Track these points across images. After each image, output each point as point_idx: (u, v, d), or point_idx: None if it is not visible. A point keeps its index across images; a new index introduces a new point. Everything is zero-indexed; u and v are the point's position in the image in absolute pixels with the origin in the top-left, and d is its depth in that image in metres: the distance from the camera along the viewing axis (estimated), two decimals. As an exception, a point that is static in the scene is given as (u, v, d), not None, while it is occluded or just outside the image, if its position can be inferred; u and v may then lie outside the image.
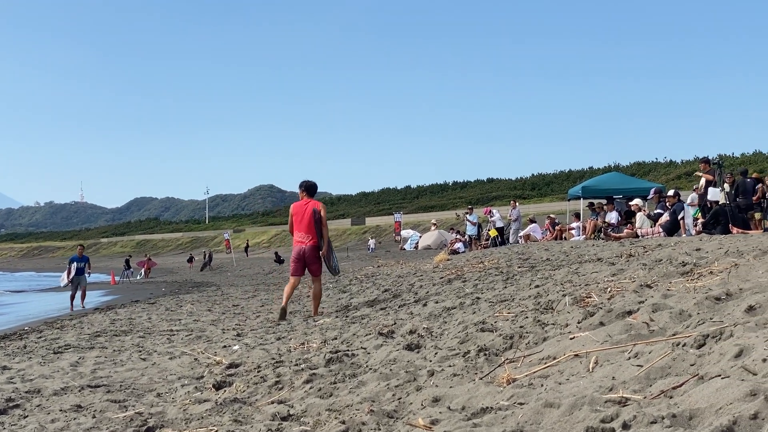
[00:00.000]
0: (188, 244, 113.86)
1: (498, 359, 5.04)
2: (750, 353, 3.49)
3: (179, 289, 30.58)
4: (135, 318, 15.26)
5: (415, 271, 17.08)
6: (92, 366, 8.73)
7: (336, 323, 10.00)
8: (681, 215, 18.32)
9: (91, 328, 13.57)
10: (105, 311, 18.64)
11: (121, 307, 19.89)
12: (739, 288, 5.41)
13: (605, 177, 33.34)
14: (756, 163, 61.25)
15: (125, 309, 18.75)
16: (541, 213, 45.21)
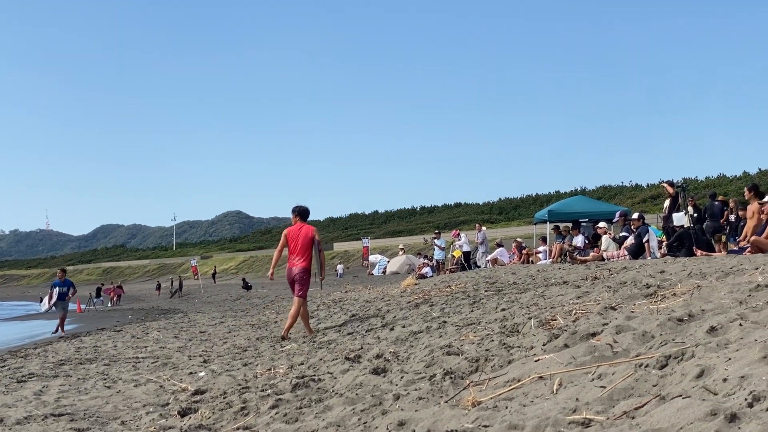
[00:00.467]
0: (155, 271, 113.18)
1: (463, 382, 5.05)
2: (711, 373, 3.53)
3: (146, 316, 30.33)
4: (100, 346, 15.12)
5: (383, 296, 17.06)
6: (56, 394, 8.64)
7: (303, 348, 9.97)
8: (646, 238, 18.45)
9: (55, 357, 13.42)
10: (70, 339, 18.44)
11: (86, 335, 19.70)
12: (701, 309, 5.46)
13: (571, 200, 33.53)
14: (720, 187, 61.90)
15: (90, 337, 18.56)
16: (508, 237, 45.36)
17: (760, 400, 2.93)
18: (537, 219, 31.38)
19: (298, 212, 12.87)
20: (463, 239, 30.68)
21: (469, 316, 9.09)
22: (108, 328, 22.63)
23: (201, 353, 11.88)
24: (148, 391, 8.29)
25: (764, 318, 4.66)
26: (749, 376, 3.27)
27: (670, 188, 19.61)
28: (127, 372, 10.35)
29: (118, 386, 8.94)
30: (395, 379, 5.85)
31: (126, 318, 29.81)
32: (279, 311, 20.36)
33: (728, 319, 4.79)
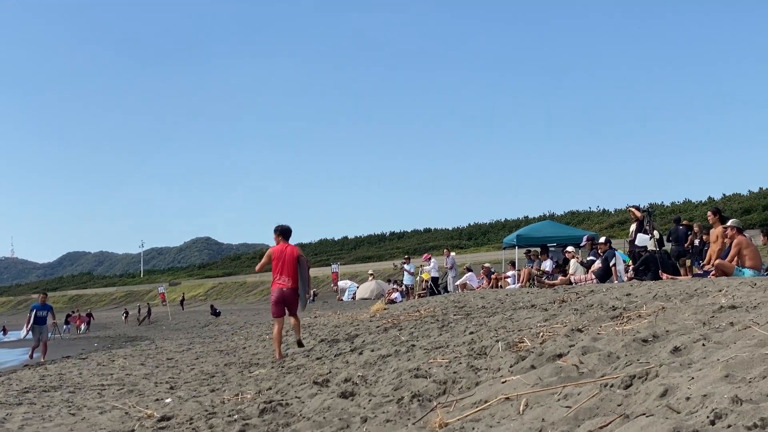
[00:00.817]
0: (122, 299, 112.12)
1: (431, 404, 5.06)
2: (675, 392, 3.57)
3: (112, 343, 30.10)
4: (65, 373, 14.96)
5: (352, 320, 17.04)
6: (20, 422, 8.54)
7: (271, 374, 9.93)
8: (613, 262, 18.60)
9: (19, 384, 13.26)
10: (34, 367, 18.25)
11: (51, 363, 19.49)
12: (665, 330, 5.52)
13: (539, 225, 33.69)
14: (685, 212, 62.46)
15: (55, 365, 18.37)
16: (477, 262, 45.47)
17: (721, 418, 2.97)
18: (506, 244, 31.49)
19: (280, 232, 12.79)
20: (433, 264, 30.74)
21: (438, 340, 9.11)
22: (73, 356, 22.40)
23: (168, 380, 11.79)
24: (113, 417, 8.22)
25: (727, 338, 4.73)
26: (711, 395, 3.32)
27: (637, 212, 19.77)
28: (92, 399, 10.25)
29: (83, 413, 8.85)
30: (363, 402, 5.85)
31: (92, 346, 29.55)
32: (247, 337, 20.27)
33: (692, 340, 4.85)
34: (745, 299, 6.72)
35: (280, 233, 12.79)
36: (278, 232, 12.81)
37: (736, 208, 60.06)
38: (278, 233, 12.80)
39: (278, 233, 12.80)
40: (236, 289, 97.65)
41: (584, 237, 23.96)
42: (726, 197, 70.23)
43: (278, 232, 12.81)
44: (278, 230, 12.83)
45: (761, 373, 3.54)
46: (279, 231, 12.81)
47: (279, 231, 12.81)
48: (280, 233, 12.79)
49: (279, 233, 12.80)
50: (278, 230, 12.83)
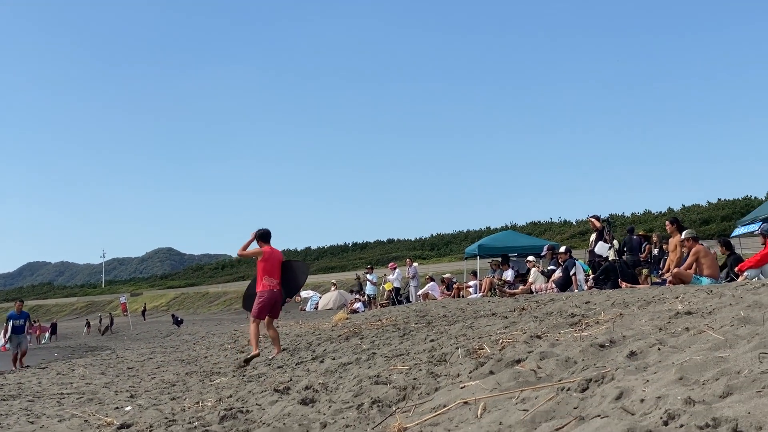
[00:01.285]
0: (83, 309, 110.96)
1: (390, 410, 5.08)
2: (629, 395, 3.62)
3: (72, 353, 29.80)
4: (24, 383, 14.79)
5: (314, 330, 17.03)
6: (-23, 431, 8.45)
7: (232, 382, 9.90)
8: (573, 271, 18.76)
9: (-23, 394, 13.10)
10: (-7, 377, 18.03)
11: (10, 372, 19.25)
12: (622, 335, 5.59)
13: (501, 235, 33.87)
14: (645, 222, 63.12)
15: (14, 374, 18.15)
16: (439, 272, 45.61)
17: (674, 418, 3.02)
18: (468, 253, 31.62)
19: (261, 236, 12.61)
20: (396, 274, 30.81)
21: (399, 348, 9.13)
22: (32, 365, 22.15)
23: (128, 388, 11.71)
24: (73, 425, 8.14)
25: (682, 343, 4.80)
26: (665, 396, 3.37)
27: (597, 222, 19.95)
28: (51, 408, 10.16)
29: (42, 421, 8.76)
30: (323, 408, 5.85)
31: (52, 355, 29.24)
32: (209, 347, 20.17)
33: (648, 344, 4.92)
34: (701, 305, 6.81)
35: (261, 237, 12.60)
36: (260, 237, 12.61)
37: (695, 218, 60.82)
38: (260, 238, 12.60)
39: (260, 238, 12.60)
40: (198, 299, 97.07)
41: (545, 247, 24.13)
42: (685, 208, 71.10)
43: (260, 237, 12.61)
44: (260, 234, 12.62)
45: (714, 375, 3.60)
46: (260, 235, 12.62)
47: (260, 235, 12.62)
48: (261, 237, 12.60)
49: (260, 237, 12.60)
50: (260, 234, 12.62)
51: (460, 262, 50.19)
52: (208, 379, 11.21)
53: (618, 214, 74.72)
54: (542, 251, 23.98)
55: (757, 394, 3.11)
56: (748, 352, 3.95)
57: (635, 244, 20.25)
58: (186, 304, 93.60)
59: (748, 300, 6.46)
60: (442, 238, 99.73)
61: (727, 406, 3.04)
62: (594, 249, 19.05)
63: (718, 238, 20.41)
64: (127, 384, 12.54)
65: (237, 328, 29.39)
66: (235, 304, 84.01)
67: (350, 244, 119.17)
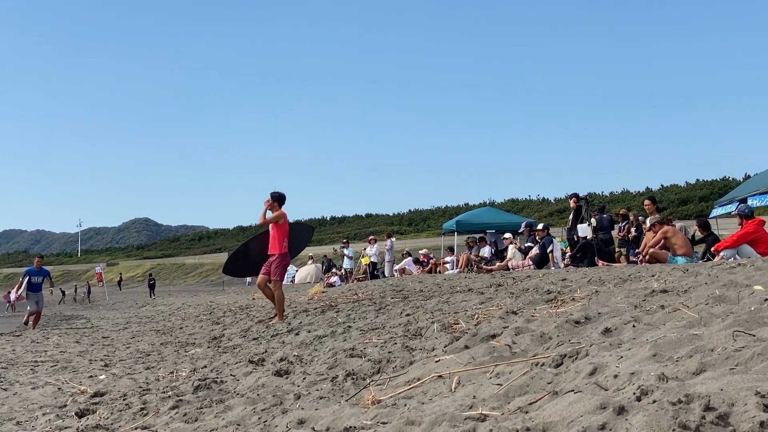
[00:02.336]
0: (59, 278, 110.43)
1: (365, 382, 5.08)
2: (603, 371, 3.63)
3: (47, 322, 29.62)
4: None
5: (290, 303, 16.99)
6: (-52, 397, 8.38)
7: (207, 353, 9.87)
8: (550, 248, 18.82)
9: (-50, 361, 13.01)
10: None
11: (19, 331, 19.15)
12: (597, 312, 5.61)
13: (479, 211, 33.92)
14: (624, 202, 63.47)
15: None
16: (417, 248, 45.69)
17: (647, 394, 3.02)
18: (445, 229, 31.64)
19: (280, 198, 12.60)
20: (374, 250, 30.81)
21: (374, 321, 9.13)
22: (6, 333, 22.01)
23: (102, 357, 11.65)
24: (46, 393, 8.10)
25: (656, 320, 4.82)
26: (639, 373, 3.38)
27: (574, 201, 20.00)
28: (24, 375, 10.08)
29: (15, 388, 8.70)
30: (297, 380, 5.85)
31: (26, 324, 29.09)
32: (184, 318, 20.11)
33: (623, 321, 4.93)
34: (676, 284, 6.84)
35: (279, 200, 12.58)
36: (278, 199, 12.59)
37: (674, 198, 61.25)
38: (278, 200, 12.58)
39: (278, 200, 12.58)
40: (175, 270, 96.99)
41: (523, 224, 24.16)
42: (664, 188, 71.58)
43: (278, 199, 12.59)
44: (278, 197, 12.61)
45: (688, 352, 3.61)
46: (279, 197, 12.61)
47: (279, 197, 12.61)
48: (280, 200, 12.59)
49: (279, 200, 12.58)
50: (278, 197, 12.61)
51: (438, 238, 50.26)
52: (183, 349, 11.17)
53: (596, 193, 75.13)
54: (520, 228, 24.01)
55: (730, 372, 3.12)
56: (722, 330, 3.96)
57: (605, 223, 20.31)
58: (162, 275, 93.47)
59: (724, 279, 6.49)
60: (420, 214, 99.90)
61: (700, 383, 3.05)
62: (575, 229, 19.10)
63: (696, 218, 20.50)
64: (101, 353, 12.48)
65: (213, 300, 29.33)
66: (211, 276, 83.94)
67: (328, 218, 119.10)
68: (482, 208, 44.62)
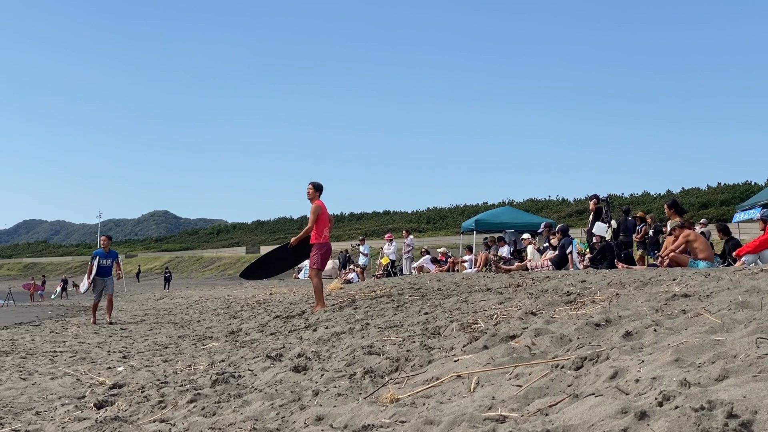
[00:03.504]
0: (78, 268, 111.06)
1: (383, 380, 5.08)
2: (624, 375, 3.61)
3: (66, 312, 29.79)
4: (17, 339, 14.76)
5: (308, 298, 17.00)
6: (-31, 385, 8.43)
7: (225, 347, 9.90)
8: (569, 249, 18.74)
9: (-30, 349, 13.09)
10: (-10, 332, 18.00)
11: (3, 328, 19.23)
12: (618, 315, 5.57)
13: (498, 211, 33.85)
14: (644, 204, 63.22)
15: (8, 330, 18.12)
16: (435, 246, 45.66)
17: (669, 400, 3.00)
18: (464, 228, 31.59)
19: (318, 187, 12.80)
20: (392, 248, 30.78)
21: (392, 319, 9.12)
22: (26, 322, 22.12)
23: (121, 349, 11.70)
24: (65, 383, 8.15)
25: (678, 325, 4.78)
26: (660, 378, 3.36)
27: (594, 203, 19.93)
28: (43, 365, 10.14)
29: (34, 378, 8.76)
30: (315, 376, 5.85)
31: (45, 314, 29.24)
32: (202, 311, 20.18)
33: (644, 325, 4.90)
34: (698, 288, 6.79)
35: (319, 189, 12.78)
36: (318, 188, 12.78)
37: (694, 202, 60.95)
38: (318, 189, 12.77)
39: (318, 189, 12.77)
40: (193, 263, 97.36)
41: (542, 224, 24.08)
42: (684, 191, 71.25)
43: (318, 188, 12.78)
44: (318, 186, 12.80)
45: (711, 358, 3.58)
46: (318, 187, 12.79)
47: (318, 187, 12.79)
48: (319, 189, 12.78)
49: (319, 189, 12.78)
50: (318, 186, 12.80)
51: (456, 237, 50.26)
52: (201, 343, 11.21)
53: (617, 195, 74.86)
54: (539, 228, 23.94)
55: (753, 379, 3.10)
56: (745, 336, 3.93)
57: (630, 225, 20.24)
58: (180, 268, 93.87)
59: (746, 285, 6.44)
60: (439, 212, 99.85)
61: (722, 390, 3.03)
62: (593, 229, 19.03)
63: (717, 222, 20.39)
64: (119, 345, 12.53)
65: (230, 294, 29.40)
66: (229, 270, 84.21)
67: (347, 214, 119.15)
68: (501, 207, 44.46)
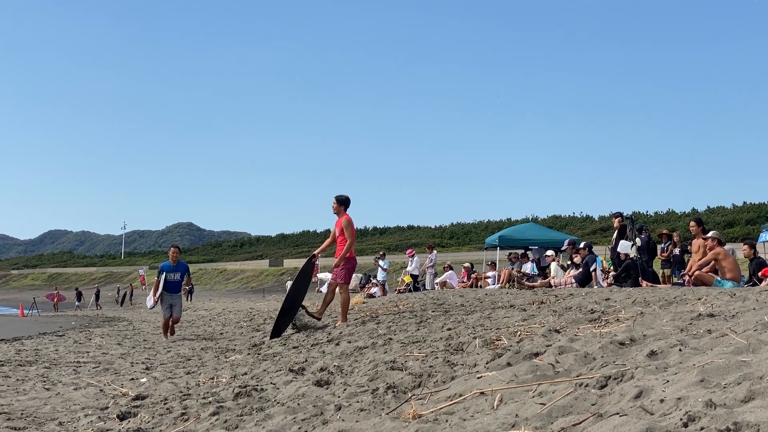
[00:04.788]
0: (102, 279, 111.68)
1: (406, 396, 5.07)
2: (649, 394, 3.58)
3: (90, 322, 29.96)
4: (41, 349, 14.88)
5: (330, 312, 17.02)
6: (-6, 394, 8.50)
7: (247, 360, 9.93)
8: (593, 267, 18.68)
9: (-6, 358, 13.19)
10: (10, 342, 18.11)
11: (28, 338, 19.36)
12: (643, 334, 5.54)
13: (522, 227, 33.78)
14: (669, 222, 62.91)
15: (32, 340, 18.26)
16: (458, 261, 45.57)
17: (695, 420, 2.98)
18: (487, 244, 31.56)
19: (346, 202, 12.71)
20: (415, 263, 30.75)
21: (415, 334, 9.11)
22: (50, 332, 22.25)
23: (144, 360, 11.77)
24: (88, 394, 8.20)
25: (704, 345, 4.75)
26: (686, 398, 3.33)
27: (619, 221, 19.85)
28: (67, 375, 10.21)
29: (58, 389, 8.82)
30: (338, 391, 5.85)
31: (69, 324, 29.42)
32: (225, 323, 20.25)
33: (669, 345, 4.87)
34: (723, 308, 6.75)
35: (345, 203, 12.69)
36: (345, 203, 12.69)
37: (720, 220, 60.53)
38: (345, 204, 12.69)
39: (345, 204, 12.69)
40: (216, 276, 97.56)
41: (566, 241, 24.02)
42: (710, 209, 70.80)
43: (345, 203, 12.69)
44: (346, 200, 12.72)
45: (736, 379, 3.55)
46: (346, 201, 12.71)
47: (346, 201, 12.71)
48: (346, 203, 12.70)
49: (345, 203, 12.69)
50: (346, 200, 12.72)
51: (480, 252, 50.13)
52: (224, 355, 11.25)
53: (642, 212, 74.48)
54: (563, 245, 23.88)
55: (781, 401, 3.07)
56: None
57: (643, 244, 20.14)
58: (203, 280, 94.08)
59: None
60: (462, 227, 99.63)
61: (748, 411, 3.00)
62: (617, 247, 18.94)
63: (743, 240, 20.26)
64: (142, 356, 12.60)
65: (253, 307, 29.47)
66: (252, 282, 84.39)
67: (370, 228, 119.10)
68: (525, 224, 44.34)
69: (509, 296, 14.47)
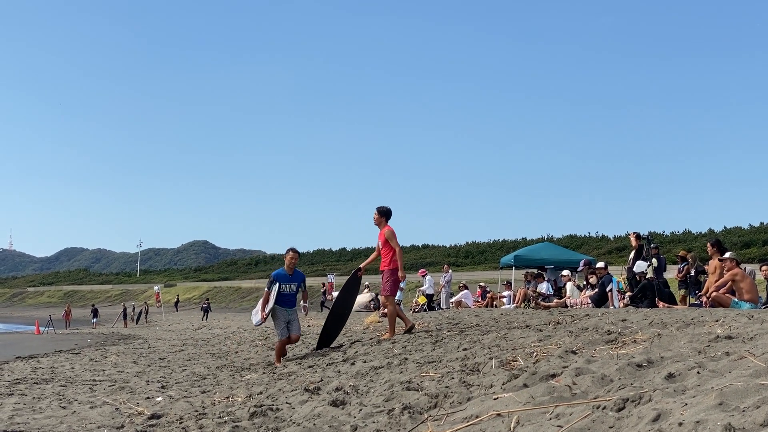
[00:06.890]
0: (118, 297, 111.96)
1: (422, 417, 5.06)
2: (667, 417, 3.56)
3: (105, 340, 30.03)
4: (57, 367, 14.92)
5: (345, 331, 17.00)
6: (10, 412, 8.50)
7: (262, 379, 9.92)
8: (609, 287, 18.61)
9: (11, 375, 13.21)
10: (27, 359, 18.17)
11: (43, 356, 19.41)
12: (660, 356, 5.52)
13: (537, 247, 33.69)
14: (685, 242, 62.64)
15: (48, 358, 18.31)
16: (473, 281, 45.48)
17: (713, 444, 2.96)
18: (503, 263, 31.52)
19: (387, 213, 12.56)
20: (428, 283, 30.69)
21: (431, 354, 9.09)
22: (66, 350, 22.30)
23: (159, 379, 11.77)
24: (104, 413, 8.20)
25: (722, 367, 4.72)
26: (704, 422, 3.31)
27: (635, 240, 19.80)
28: (83, 394, 10.23)
29: (74, 407, 8.83)
30: (354, 411, 5.84)
31: (85, 342, 29.49)
32: (240, 342, 20.24)
33: (686, 367, 4.84)
34: (741, 330, 6.72)
35: (384, 214, 12.54)
36: (385, 214, 12.55)
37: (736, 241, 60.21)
38: (386, 215, 12.55)
39: (386, 215, 12.55)
40: (231, 294, 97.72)
41: (582, 261, 23.95)
42: (726, 230, 70.43)
43: (385, 214, 12.55)
44: (386, 212, 12.56)
45: (755, 402, 3.53)
46: (386, 212, 12.55)
47: (386, 212, 12.55)
48: (385, 214, 12.55)
49: (384, 214, 12.54)
50: (386, 212, 12.56)
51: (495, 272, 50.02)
52: (239, 374, 11.24)
53: (657, 232, 74.17)
54: (578, 266, 23.81)
55: (800, 425, 3.05)
56: (790, 381, 3.87)
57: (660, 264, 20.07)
58: (218, 298, 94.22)
59: (790, 327, 6.36)
60: (478, 247, 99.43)
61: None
62: (633, 267, 18.87)
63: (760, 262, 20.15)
64: (158, 374, 12.61)
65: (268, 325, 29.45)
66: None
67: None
68: (540, 243, 44.22)
69: (525, 316, 14.43)
